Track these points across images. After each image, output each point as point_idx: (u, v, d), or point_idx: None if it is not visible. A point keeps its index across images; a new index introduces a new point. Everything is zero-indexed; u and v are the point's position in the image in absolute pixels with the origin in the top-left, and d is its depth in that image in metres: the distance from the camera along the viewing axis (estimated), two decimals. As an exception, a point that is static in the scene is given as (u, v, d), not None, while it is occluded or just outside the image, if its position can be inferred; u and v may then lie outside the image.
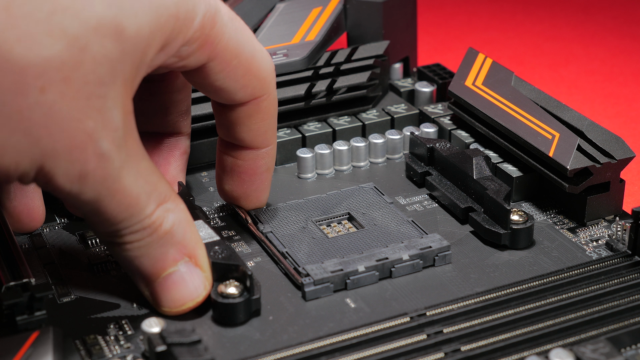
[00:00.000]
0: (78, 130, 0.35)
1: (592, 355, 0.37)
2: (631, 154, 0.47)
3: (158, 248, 0.39)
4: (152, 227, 0.38)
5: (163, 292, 0.40)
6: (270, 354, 0.38)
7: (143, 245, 0.39)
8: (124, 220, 0.37)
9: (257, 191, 0.46)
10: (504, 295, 0.41)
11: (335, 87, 0.55)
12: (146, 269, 0.39)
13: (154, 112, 0.46)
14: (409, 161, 0.52)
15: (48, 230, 0.48)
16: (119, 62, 0.36)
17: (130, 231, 0.38)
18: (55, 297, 0.43)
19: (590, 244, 0.46)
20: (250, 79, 0.42)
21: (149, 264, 0.39)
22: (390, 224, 0.47)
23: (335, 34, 0.58)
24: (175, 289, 0.40)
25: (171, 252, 0.39)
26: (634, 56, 0.74)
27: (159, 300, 0.40)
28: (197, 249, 0.40)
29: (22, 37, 0.34)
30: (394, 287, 0.43)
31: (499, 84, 0.53)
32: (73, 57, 0.35)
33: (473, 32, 0.80)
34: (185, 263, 0.40)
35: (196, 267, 0.40)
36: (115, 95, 0.36)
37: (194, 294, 0.40)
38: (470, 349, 0.38)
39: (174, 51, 0.39)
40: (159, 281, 0.40)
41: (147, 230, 0.38)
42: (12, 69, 0.34)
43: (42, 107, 0.34)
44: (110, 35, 0.35)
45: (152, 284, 0.40)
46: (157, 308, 0.41)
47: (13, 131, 0.34)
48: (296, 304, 0.42)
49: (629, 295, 0.41)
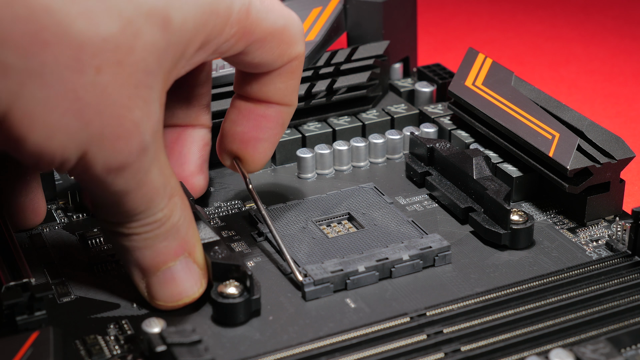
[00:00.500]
0: (126, 119, 0.35)
1: (592, 356, 0.37)
2: (631, 154, 0.47)
3: (162, 241, 0.39)
4: (161, 221, 0.38)
5: (160, 286, 0.40)
6: (270, 354, 0.38)
7: (150, 237, 0.38)
8: (142, 213, 0.37)
9: (267, 143, 0.45)
10: (504, 295, 0.41)
11: (335, 87, 0.55)
12: (146, 261, 0.39)
13: (178, 105, 0.46)
14: (409, 161, 0.52)
15: (48, 230, 0.48)
16: (164, 53, 0.36)
17: (142, 223, 0.38)
18: (55, 297, 0.43)
19: (590, 244, 0.46)
20: (284, 47, 0.42)
21: (150, 256, 0.39)
22: (391, 224, 0.47)
23: (335, 34, 0.58)
24: (172, 284, 0.40)
25: (173, 247, 0.39)
26: (634, 56, 0.74)
27: (154, 293, 0.40)
28: (197, 246, 0.40)
29: (83, 12, 0.33)
30: (394, 287, 0.43)
31: (499, 84, 0.53)
32: (127, 41, 0.34)
33: (473, 32, 0.80)
34: (185, 259, 0.40)
35: (194, 264, 0.40)
36: (158, 86, 0.36)
37: (189, 290, 0.40)
38: (470, 349, 0.38)
39: (212, 49, 0.39)
40: (157, 274, 0.40)
41: (157, 223, 0.38)
42: (71, 44, 0.33)
43: (97, 88, 0.34)
44: (158, 25, 0.35)
45: (149, 276, 0.40)
46: (150, 301, 0.41)
47: (65, 112, 0.33)
48: (296, 304, 0.42)
49: (629, 295, 0.41)
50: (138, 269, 0.40)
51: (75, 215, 0.49)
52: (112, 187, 0.36)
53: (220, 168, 0.53)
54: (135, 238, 0.38)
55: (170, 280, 0.40)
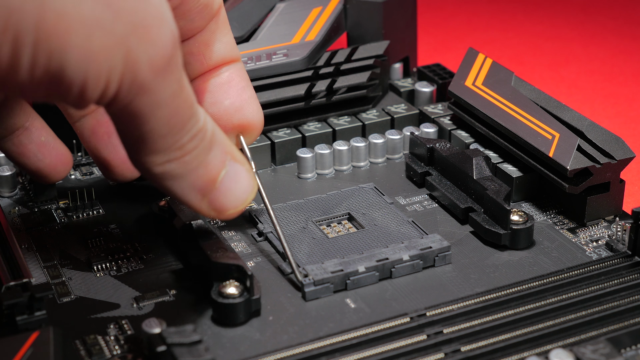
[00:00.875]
0: (149, 3, 0.34)
1: (592, 356, 0.37)
2: (631, 154, 0.47)
3: (210, 152, 0.38)
4: (204, 131, 0.37)
5: (224, 196, 0.39)
6: (270, 354, 0.38)
7: (200, 151, 0.38)
8: (189, 122, 0.36)
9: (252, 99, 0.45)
10: (504, 295, 0.41)
11: (335, 87, 0.55)
12: (204, 179, 0.38)
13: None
14: (409, 161, 0.52)
15: (48, 229, 0.48)
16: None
17: (191, 135, 0.37)
18: (55, 297, 0.43)
19: (590, 244, 0.46)
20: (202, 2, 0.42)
21: (205, 172, 0.38)
22: (391, 224, 0.47)
23: (335, 34, 0.58)
24: (234, 187, 0.39)
25: (219, 154, 0.39)
26: (634, 56, 0.75)
27: (221, 205, 0.39)
28: (231, 145, 0.40)
29: None
30: (394, 288, 0.43)
31: (499, 84, 0.53)
32: None
33: (473, 32, 0.80)
34: (230, 161, 0.39)
35: (238, 163, 0.40)
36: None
37: (249, 186, 0.40)
38: (471, 350, 0.38)
39: None
40: (217, 186, 0.39)
41: (202, 133, 0.37)
42: None
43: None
44: None
45: (210, 193, 0.39)
46: (219, 216, 0.40)
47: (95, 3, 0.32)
48: (296, 304, 0.42)
49: (629, 295, 0.41)
50: (195, 192, 0.39)
51: (75, 215, 0.49)
52: (160, 93, 0.35)
53: (220, 168, 0.53)
54: (187, 159, 0.37)
55: (230, 185, 0.39)
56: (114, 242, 0.47)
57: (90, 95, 0.33)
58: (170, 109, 0.35)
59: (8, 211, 0.49)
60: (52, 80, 0.32)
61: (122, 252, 0.46)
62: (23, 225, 0.48)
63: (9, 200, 0.50)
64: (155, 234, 0.47)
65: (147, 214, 0.49)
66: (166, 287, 0.43)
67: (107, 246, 0.46)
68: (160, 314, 0.41)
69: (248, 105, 0.45)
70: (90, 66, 0.32)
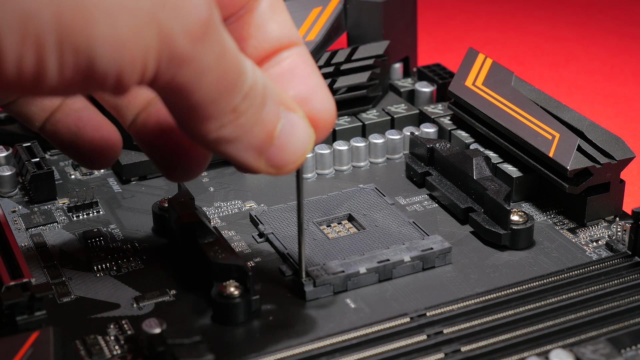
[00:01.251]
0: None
1: (592, 356, 0.37)
2: (631, 154, 0.47)
3: (264, 108, 0.36)
4: (255, 87, 0.35)
5: (282, 151, 0.37)
6: (270, 354, 0.38)
7: (254, 111, 0.35)
8: (238, 83, 0.34)
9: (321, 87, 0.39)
10: (504, 295, 0.41)
11: (335, 87, 0.55)
12: (260, 137, 0.36)
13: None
14: (409, 161, 0.52)
15: (48, 230, 0.48)
16: None
17: (244, 95, 0.34)
18: (55, 297, 0.43)
19: (590, 244, 0.46)
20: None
21: (261, 130, 0.36)
22: (392, 225, 0.47)
23: (335, 34, 0.58)
24: (292, 140, 0.37)
25: (273, 108, 0.36)
26: (634, 56, 0.75)
27: (280, 161, 0.37)
28: (282, 93, 0.37)
29: None
30: (394, 288, 0.43)
31: (499, 84, 0.53)
32: None
33: (473, 32, 0.80)
34: (284, 113, 0.37)
35: (292, 112, 0.37)
36: None
37: (307, 136, 0.37)
38: (471, 350, 0.38)
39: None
40: (275, 142, 0.36)
41: (253, 91, 0.35)
42: None
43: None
44: None
45: (268, 150, 0.36)
46: (279, 172, 0.37)
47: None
48: (296, 304, 0.42)
49: (629, 295, 0.41)
50: (253, 152, 0.36)
51: (75, 215, 0.49)
52: (204, 60, 0.32)
53: (220, 168, 0.53)
54: (242, 122, 0.35)
55: (288, 139, 0.37)
56: (114, 242, 0.47)
57: (128, 81, 0.31)
58: (217, 73, 0.33)
59: (8, 211, 0.49)
60: (85, 77, 0.30)
61: (122, 252, 0.46)
62: (23, 225, 0.48)
63: (9, 200, 0.50)
64: (155, 234, 0.47)
65: (147, 214, 0.49)
66: (166, 287, 0.43)
67: (107, 246, 0.46)
68: (160, 314, 0.41)
69: (316, 95, 0.39)
70: (123, 54, 0.30)
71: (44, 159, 0.51)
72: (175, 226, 0.44)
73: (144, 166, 0.52)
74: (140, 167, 0.52)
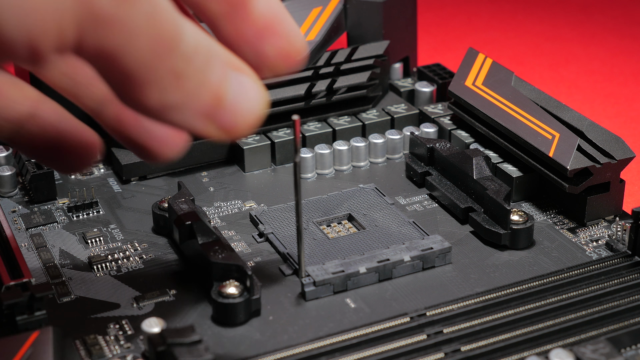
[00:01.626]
0: None
1: (592, 356, 0.37)
2: (631, 154, 0.47)
3: (209, 70, 0.33)
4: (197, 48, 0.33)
5: (233, 113, 0.35)
6: (270, 354, 0.38)
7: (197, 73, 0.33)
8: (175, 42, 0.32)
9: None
10: (504, 295, 0.41)
11: (335, 87, 0.55)
12: (209, 100, 0.34)
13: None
14: (409, 161, 0.52)
15: (48, 230, 0.48)
16: None
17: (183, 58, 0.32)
18: (55, 297, 0.43)
19: (590, 244, 0.46)
20: None
21: (209, 92, 0.34)
22: (392, 225, 0.47)
23: (335, 34, 0.58)
24: (242, 101, 0.35)
25: (219, 69, 0.34)
26: (634, 56, 0.74)
27: (233, 123, 0.35)
28: (228, 53, 0.35)
29: None
30: (394, 287, 0.43)
31: (499, 84, 0.53)
32: None
33: (473, 32, 0.80)
34: (232, 73, 0.35)
35: (240, 72, 0.35)
36: None
37: (258, 95, 0.35)
38: (470, 349, 0.38)
39: None
40: (223, 107, 0.34)
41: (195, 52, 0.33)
42: None
43: None
44: None
45: (217, 115, 0.34)
46: (232, 136, 0.35)
47: None
48: (296, 304, 0.42)
49: (629, 295, 0.41)
50: (201, 117, 0.34)
51: (75, 215, 0.49)
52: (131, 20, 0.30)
53: (220, 168, 0.53)
54: (186, 86, 0.33)
55: (237, 100, 0.35)
56: (114, 242, 0.47)
57: (44, 49, 0.28)
58: (149, 34, 0.31)
59: (8, 211, 0.49)
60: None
61: (122, 252, 0.46)
62: (23, 225, 0.48)
63: (9, 200, 0.50)
64: (155, 234, 0.47)
65: (147, 214, 0.49)
66: (166, 287, 0.43)
67: (107, 246, 0.46)
68: (160, 314, 0.41)
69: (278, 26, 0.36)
70: (30, 16, 0.28)
71: (44, 159, 0.51)
72: (175, 226, 0.44)
73: (144, 166, 0.52)
74: (140, 167, 0.52)
